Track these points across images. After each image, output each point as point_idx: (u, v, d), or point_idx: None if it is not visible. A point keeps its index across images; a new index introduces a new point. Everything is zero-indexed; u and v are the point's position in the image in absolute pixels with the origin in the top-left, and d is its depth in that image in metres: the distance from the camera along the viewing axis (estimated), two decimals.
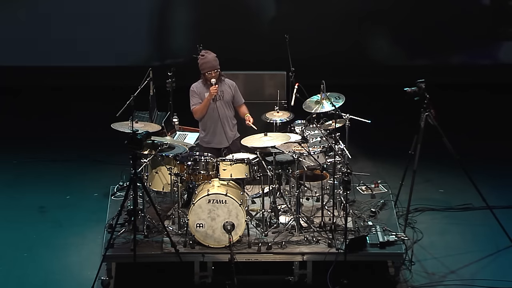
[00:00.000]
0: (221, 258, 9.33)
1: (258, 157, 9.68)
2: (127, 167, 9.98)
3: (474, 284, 9.33)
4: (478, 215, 10.61)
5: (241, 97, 10.24)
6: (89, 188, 11.37)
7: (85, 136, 12.88)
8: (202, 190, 9.51)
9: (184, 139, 10.69)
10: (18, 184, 11.59)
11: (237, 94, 10.19)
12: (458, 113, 13.53)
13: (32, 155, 12.34)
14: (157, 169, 9.80)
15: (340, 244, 9.40)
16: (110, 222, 9.83)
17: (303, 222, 9.73)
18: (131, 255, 9.11)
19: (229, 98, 10.12)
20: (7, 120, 13.58)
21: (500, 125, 13.38)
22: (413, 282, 9.38)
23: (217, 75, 9.99)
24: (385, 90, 13.79)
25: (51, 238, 10.26)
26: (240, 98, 10.22)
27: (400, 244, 9.50)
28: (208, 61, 9.98)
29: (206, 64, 9.98)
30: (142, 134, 9.12)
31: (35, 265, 9.73)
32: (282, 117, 10.42)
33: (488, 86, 14.40)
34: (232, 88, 10.14)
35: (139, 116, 10.50)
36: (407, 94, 9.84)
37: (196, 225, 9.37)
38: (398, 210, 10.39)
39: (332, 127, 9.92)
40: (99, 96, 14.16)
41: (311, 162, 9.80)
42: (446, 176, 11.49)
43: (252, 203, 9.99)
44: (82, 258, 9.82)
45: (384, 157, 12.12)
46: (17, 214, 10.79)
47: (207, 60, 9.98)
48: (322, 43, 14.58)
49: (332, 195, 9.94)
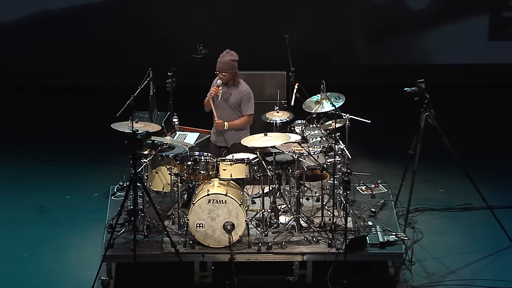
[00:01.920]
0: (221, 258, 9.33)
1: (258, 157, 9.68)
2: (127, 167, 9.99)
3: (474, 284, 9.32)
4: (478, 215, 10.60)
5: (250, 108, 10.09)
6: (89, 188, 11.37)
7: (85, 136, 12.87)
8: (202, 190, 9.51)
9: (184, 139, 10.69)
10: (18, 184, 11.59)
11: (244, 104, 10.09)
12: (458, 113, 13.54)
13: (32, 155, 12.34)
14: (157, 169, 9.80)
15: (340, 244, 9.40)
16: (110, 222, 9.82)
17: (303, 222, 9.73)
18: (131, 255, 9.11)
19: (234, 103, 10.09)
20: (7, 120, 13.59)
21: (500, 125, 13.38)
22: (413, 282, 9.37)
23: (225, 77, 9.97)
24: (385, 90, 13.79)
25: (51, 238, 10.26)
26: (246, 108, 10.09)
27: (400, 244, 9.50)
28: (220, 61, 10.01)
29: (219, 64, 10.01)
30: (142, 134, 9.12)
31: (35, 265, 9.73)
32: (282, 117, 10.42)
33: (491, 85, 14.43)
34: (241, 94, 10.05)
35: (139, 116, 10.50)
36: (407, 94, 9.84)
37: (196, 225, 9.37)
38: (398, 210, 10.38)
39: (332, 127, 9.91)
40: (99, 96, 14.17)
41: (311, 162, 9.80)
42: (446, 176, 11.49)
43: (252, 203, 9.99)
44: (82, 258, 9.82)
45: (384, 157, 12.12)
46: (17, 214, 10.79)
47: (220, 61, 10.01)
48: (322, 43, 14.58)
49: (332, 195, 9.94)
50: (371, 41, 14.79)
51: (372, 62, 14.74)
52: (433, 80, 10.86)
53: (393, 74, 14.34)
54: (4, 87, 14.46)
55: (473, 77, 14.63)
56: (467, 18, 14.66)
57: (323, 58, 14.44)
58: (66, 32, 14.58)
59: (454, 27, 14.71)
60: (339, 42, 14.65)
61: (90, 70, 14.67)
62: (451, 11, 14.62)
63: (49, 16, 14.58)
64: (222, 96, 10.09)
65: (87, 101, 14.21)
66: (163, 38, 14.53)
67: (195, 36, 12.50)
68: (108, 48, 14.59)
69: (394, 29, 14.73)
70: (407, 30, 14.73)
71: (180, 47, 12.51)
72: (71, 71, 14.65)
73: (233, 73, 10.02)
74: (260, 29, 14.45)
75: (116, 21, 14.60)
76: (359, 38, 14.78)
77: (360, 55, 14.78)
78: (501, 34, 14.74)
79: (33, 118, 13.70)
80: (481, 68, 14.71)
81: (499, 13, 14.72)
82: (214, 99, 10.07)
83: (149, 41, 14.54)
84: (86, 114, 13.73)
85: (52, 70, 14.66)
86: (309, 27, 14.53)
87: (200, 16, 14.48)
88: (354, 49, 14.71)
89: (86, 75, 14.68)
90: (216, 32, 14.22)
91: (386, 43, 14.78)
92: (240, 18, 14.50)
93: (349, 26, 14.69)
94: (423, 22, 14.67)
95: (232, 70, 10.00)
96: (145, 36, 14.58)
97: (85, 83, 14.61)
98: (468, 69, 14.67)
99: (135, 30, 14.60)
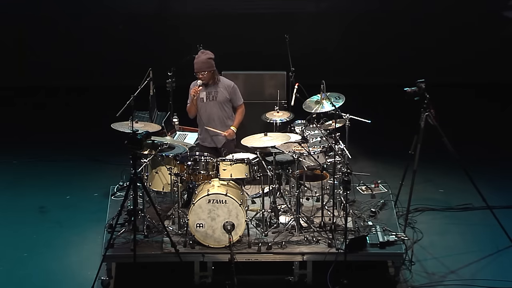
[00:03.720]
0: (221, 258, 9.33)
1: (258, 157, 9.69)
2: (127, 167, 9.99)
3: (474, 284, 9.32)
4: (478, 215, 10.61)
5: (240, 98, 10.24)
6: (89, 188, 11.37)
7: (85, 136, 12.88)
8: (202, 190, 9.51)
9: (184, 139, 10.70)
10: (18, 184, 11.59)
11: (234, 96, 10.18)
12: (458, 112, 13.54)
13: (32, 155, 12.34)
14: (157, 169, 9.81)
15: (340, 244, 9.40)
16: (110, 222, 9.83)
17: (303, 222, 9.73)
18: (131, 255, 9.11)
19: (223, 99, 10.12)
20: (7, 120, 13.59)
21: (501, 124, 13.39)
22: (413, 282, 9.37)
23: (205, 77, 10.01)
24: (385, 90, 13.80)
25: (51, 238, 10.26)
26: (237, 100, 10.22)
27: (400, 244, 9.50)
28: (197, 62, 10.04)
29: (196, 65, 10.05)
30: (142, 134, 9.12)
31: (35, 265, 9.73)
32: (282, 117, 10.43)
33: (489, 86, 14.44)
34: (228, 89, 10.14)
35: (139, 116, 10.51)
36: (407, 94, 9.83)
37: (196, 225, 9.37)
38: (398, 210, 10.39)
39: (332, 127, 9.92)
40: (99, 96, 14.17)
41: (311, 162, 9.80)
42: (446, 176, 11.49)
43: (252, 203, 9.99)
44: (82, 258, 9.82)
45: (384, 157, 12.12)
46: (17, 214, 10.79)
47: (197, 61, 10.04)
48: (323, 43, 14.58)
49: (332, 195, 9.94)
50: (371, 40, 14.79)
51: (372, 61, 14.74)
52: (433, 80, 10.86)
53: (393, 74, 14.35)
54: (4, 88, 14.48)
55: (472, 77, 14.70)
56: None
57: (323, 58, 14.44)
58: (66, 32, 14.59)
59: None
60: (339, 42, 14.65)
61: (90, 70, 14.67)
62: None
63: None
64: (208, 97, 10.12)
65: (87, 101, 14.21)
66: (163, 38, 14.54)
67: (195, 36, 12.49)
68: (108, 48, 14.60)
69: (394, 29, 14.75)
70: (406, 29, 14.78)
71: (180, 47, 12.49)
72: (71, 71, 14.66)
73: (212, 71, 10.08)
74: (260, 29, 14.45)
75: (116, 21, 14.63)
76: (359, 38, 14.78)
77: (361, 55, 14.77)
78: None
79: (33, 118, 13.69)
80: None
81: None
82: (199, 103, 10.07)
83: (150, 41, 14.55)
84: (86, 114, 13.73)
85: (52, 70, 14.67)
86: (309, 27, 14.54)
87: (200, 16, 14.49)
88: (354, 49, 14.71)
89: (86, 75, 14.68)
90: (216, 31, 14.23)
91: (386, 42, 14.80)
92: (240, 18, 14.50)
93: (349, 26, 14.69)
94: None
95: (210, 68, 10.04)
96: (145, 36, 14.59)
97: (85, 83, 14.61)
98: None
99: (135, 30, 14.61)
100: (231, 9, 14.53)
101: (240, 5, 14.53)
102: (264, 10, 14.56)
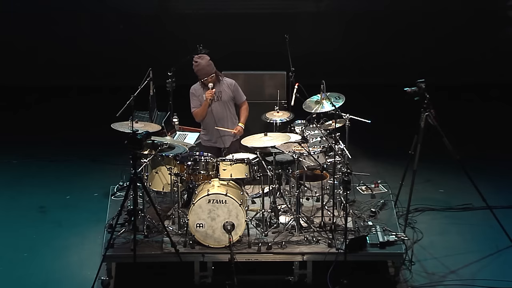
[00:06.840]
0: (221, 258, 9.33)
1: (258, 157, 9.69)
2: (127, 167, 9.99)
3: (474, 284, 9.32)
4: (478, 215, 10.60)
5: (242, 95, 10.25)
6: (89, 188, 11.36)
7: (85, 136, 12.87)
8: (202, 190, 9.51)
9: (184, 139, 10.70)
10: (18, 184, 11.59)
11: (237, 93, 10.19)
12: (458, 112, 13.55)
13: (32, 155, 12.34)
14: (157, 169, 9.81)
15: (340, 244, 9.40)
16: (110, 222, 9.83)
17: (303, 222, 9.73)
18: (131, 255, 9.11)
19: (228, 98, 10.13)
20: (7, 120, 13.59)
21: (501, 124, 13.39)
22: (413, 282, 9.37)
23: (213, 79, 10.00)
24: (385, 90, 13.80)
25: (51, 238, 10.26)
26: (240, 97, 10.23)
27: (400, 244, 9.50)
28: (201, 68, 9.99)
29: (201, 71, 10.00)
30: (142, 134, 9.12)
31: (35, 265, 9.73)
32: (282, 117, 10.43)
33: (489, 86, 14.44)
34: (231, 87, 10.15)
35: (139, 116, 10.50)
36: (407, 94, 9.83)
37: (196, 225, 9.37)
38: (398, 210, 10.38)
39: (332, 127, 9.92)
40: (99, 96, 14.17)
41: (311, 162, 9.80)
42: (446, 176, 11.49)
43: (252, 203, 9.99)
44: (82, 258, 9.82)
45: (384, 157, 12.12)
46: (17, 214, 10.79)
47: (201, 67, 9.99)
48: (322, 43, 14.58)
49: (332, 195, 9.94)
50: (371, 40, 14.79)
51: (372, 61, 14.73)
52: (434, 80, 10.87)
53: (394, 74, 14.35)
54: (5, 88, 14.47)
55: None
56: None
57: (323, 58, 14.43)
58: (66, 32, 14.59)
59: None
60: (339, 42, 14.65)
61: (90, 70, 14.67)
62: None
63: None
64: (216, 97, 10.12)
65: (87, 101, 14.20)
66: (163, 38, 14.54)
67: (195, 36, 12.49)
68: (108, 48, 14.60)
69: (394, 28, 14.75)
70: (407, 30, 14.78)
71: (180, 47, 12.50)
72: (71, 71, 14.66)
73: (215, 71, 10.07)
74: (260, 29, 14.46)
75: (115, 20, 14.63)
76: (359, 38, 14.77)
77: (361, 55, 14.77)
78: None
79: (33, 118, 13.69)
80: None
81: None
82: (211, 103, 10.08)
83: (150, 41, 14.55)
84: (86, 114, 13.72)
85: (52, 70, 14.67)
86: (309, 27, 14.54)
87: (200, 16, 14.49)
88: (354, 49, 14.71)
89: (86, 75, 14.68)
90: (216, 31, 14.23)
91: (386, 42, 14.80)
92: (240, 18, 14.51)
93: (349, 26, 14.68)
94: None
95: (214, 69, 10.06)
96: (145, 36, 14.59)
97: (85, 83, 14.61)
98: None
99: (135, 30, 14.61)
100: (231, 9, 14.53)
101: (240, 5, 14.54)
102: (264, 10, 14.57)
